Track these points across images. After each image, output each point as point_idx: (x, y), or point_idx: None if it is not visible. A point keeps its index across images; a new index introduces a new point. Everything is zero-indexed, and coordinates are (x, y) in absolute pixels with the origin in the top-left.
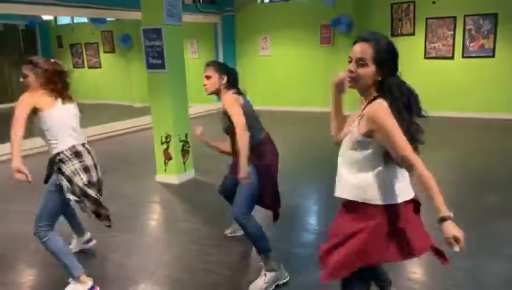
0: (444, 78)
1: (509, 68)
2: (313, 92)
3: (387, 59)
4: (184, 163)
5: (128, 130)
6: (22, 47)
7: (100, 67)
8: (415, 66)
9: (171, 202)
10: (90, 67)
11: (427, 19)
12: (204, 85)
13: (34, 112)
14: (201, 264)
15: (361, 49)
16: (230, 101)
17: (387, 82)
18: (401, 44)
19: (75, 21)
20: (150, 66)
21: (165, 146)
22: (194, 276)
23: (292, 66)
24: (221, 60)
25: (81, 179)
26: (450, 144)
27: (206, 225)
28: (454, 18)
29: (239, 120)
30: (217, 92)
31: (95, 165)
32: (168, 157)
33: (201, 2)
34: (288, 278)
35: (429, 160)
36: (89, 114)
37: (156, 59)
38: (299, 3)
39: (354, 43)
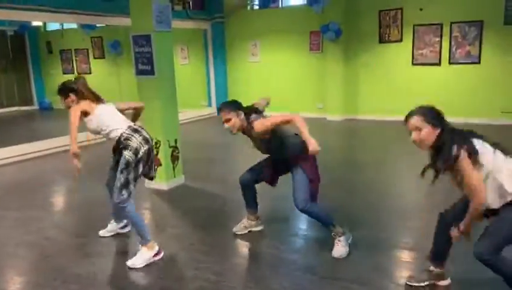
0: (432, 84)
1: (494, 74)
2: (303, 98)
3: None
4: (174, 169)
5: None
6: (11, 53)
7: (90, 73)
8: (402, 73)
9: (161, 208)
10: (80, 73)
11: (414, 25)
12: (230, 129)
13: (85, 114)
14: (191, 271)
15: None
16: (264, 125)
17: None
18: (389, 51)
19: (64, 27)
20: (139, 72)
21: (154, 152)
22: (183, 283)
23: (282, 72)
24: (211, 65)
25: (144, 149)
26: None
27: (196, 231)
28: (441, 25)
29: (282, 118)
30: (244, 129)
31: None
32: (157, 163)
33: (191, 8)
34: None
35: (416, 163)
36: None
37: (145, 65)
38: (289, 9)
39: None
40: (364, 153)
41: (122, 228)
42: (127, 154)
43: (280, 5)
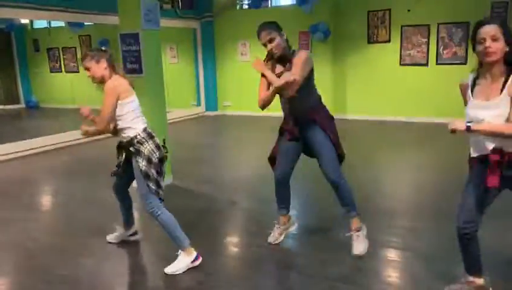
0: (419, 85)
1: None
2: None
3: None
4: None
5: (108, 134)
6: None
7: (78, 71)
8: (390, 73)
9: None
10: (67, 71)
11: (402, 26)
12: (273, 50)
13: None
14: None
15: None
16: (305, 57)
17: None
18: (377, 51)
19: (52, 25)
20: (127, 70)
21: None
22: (170, 283)
23: None
24: (200, 65)
25: (156, 156)
26: (425, 147)
27: (183, 231)
28: (428, 26)
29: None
30: (285, 54)
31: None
32: None
33: (180, 7)
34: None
35: (404, 163)
36: (68, 119)
37: (133, 64)
38: (278, 9)
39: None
40: (353, 153)
41: (131, 235)
42: (141, 164)
43: (269, 5)
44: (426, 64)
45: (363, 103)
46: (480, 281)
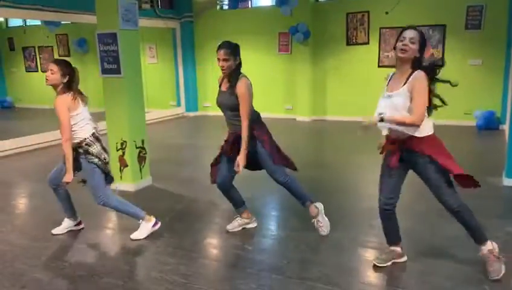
0: None
1: (457, 76)
2: (271, 99)
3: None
4: (141, 170)
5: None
6: None
7: None
8: (369, 74)
9: None
10: (44, 71)
11: (380, 28)
12: (222, 68)
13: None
14: (157, 273)
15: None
16: (246, 89)
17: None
18: (356, 53)
19: (27, 23)
20: (104, 71)
21: (120, 153)
22: (148, 285)
23: (251, 73)
24: (180, 65)
25: (103, 157)
26: None
27: (163, 233)
28: None
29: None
30: (229, 75)
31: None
32: (123, 164)
33: (159, 6)
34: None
35: (370, 163)
36: (43, 119)
37: (111, 64)
38: (259, 10)
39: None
40: (332, 153)
41: (77, 225)
42: (91, 159)
43: (249, 6)
44: None
45: (342, 103)
46: (398, 249)
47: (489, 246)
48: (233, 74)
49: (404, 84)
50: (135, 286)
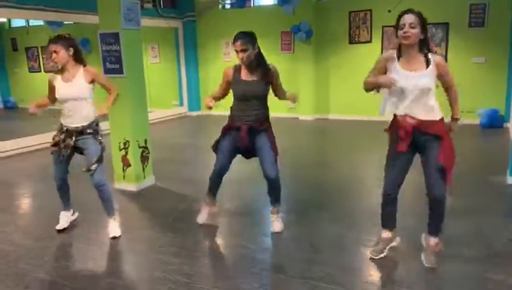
0: None
1: (459, 74)
2: (274, 97)
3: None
4: (143, 170)
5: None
6: None
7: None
8: None
9: (130, 210)
10: (47, 71)
11: (383, 27)
12: (242, 59)
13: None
14: (160, 273)
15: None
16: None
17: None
18: (359, 51)
19: (30, 24)
20: (107, 70)
21: (123, 152)
22: (151, 285)
23: None
24: (183, 64)
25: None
26: None
27: (166, 233)
28: None
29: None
30: (251, 64)
31: None
32: (126, 164)
33: (161, 6)
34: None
35: (373, 162)
36: (47, 119)
37: (113, 64)
38: (261, 9)
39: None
40: (335, 152)
41: (72, 215)
42: (100, 138)
43: (252, 5)
44: None
45: (345, 102)
46: (390, 234)
47: (437, 239)
48: (260, 62)
49: (427, 67)
50: (138, 285)
